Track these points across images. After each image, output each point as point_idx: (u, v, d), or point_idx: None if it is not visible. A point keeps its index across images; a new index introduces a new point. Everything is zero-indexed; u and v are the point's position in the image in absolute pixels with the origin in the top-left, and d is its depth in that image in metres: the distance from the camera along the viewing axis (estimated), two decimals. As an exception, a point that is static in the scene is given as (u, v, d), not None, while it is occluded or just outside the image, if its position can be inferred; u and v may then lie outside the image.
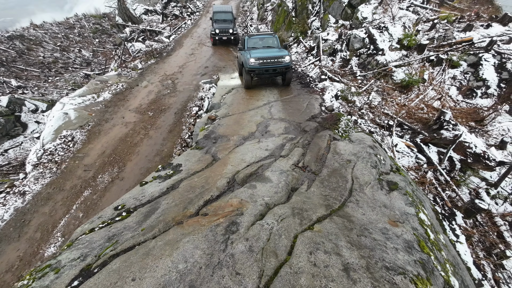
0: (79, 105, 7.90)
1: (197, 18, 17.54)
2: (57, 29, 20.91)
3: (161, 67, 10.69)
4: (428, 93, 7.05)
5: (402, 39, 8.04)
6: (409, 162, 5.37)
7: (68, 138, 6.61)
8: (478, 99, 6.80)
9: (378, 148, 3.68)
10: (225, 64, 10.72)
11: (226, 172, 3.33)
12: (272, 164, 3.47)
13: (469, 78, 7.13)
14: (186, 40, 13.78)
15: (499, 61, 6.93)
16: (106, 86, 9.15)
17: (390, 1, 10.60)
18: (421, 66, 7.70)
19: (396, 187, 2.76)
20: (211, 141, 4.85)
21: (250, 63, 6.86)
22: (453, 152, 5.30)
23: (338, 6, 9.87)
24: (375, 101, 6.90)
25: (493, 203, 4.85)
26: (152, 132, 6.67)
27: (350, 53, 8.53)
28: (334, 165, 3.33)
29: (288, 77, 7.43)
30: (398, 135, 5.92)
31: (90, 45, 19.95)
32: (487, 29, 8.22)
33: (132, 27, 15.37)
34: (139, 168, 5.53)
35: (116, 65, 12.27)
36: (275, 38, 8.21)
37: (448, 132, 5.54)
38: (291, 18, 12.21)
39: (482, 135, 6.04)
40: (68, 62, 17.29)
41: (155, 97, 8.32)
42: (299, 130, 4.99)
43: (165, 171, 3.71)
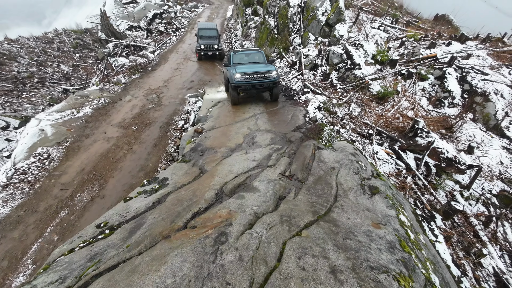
0: (57, 120, 7.56)
1: (182, 35, 17.88)
2: (34, 44, 20.23)
3: (145, 81, 10.62)
4: (402, 104, 7.60)
5: (376, 55, 8.73)
6: (390, 168, 5.65)
7: (44, 155, 6.25)
8: (446, 109, 7.43)
9: (359, 155, 3.88)
10: (211, 78, 10.90)
11: (214, 184, 3.31)
12: (260, 174, 3.52)
13: (436, 89, 7.83)
14: (171, 55, 13.91)
15: (461, 74, 7.71)
16: (87, 101, 8.89)
17: (363, 21, 11.59)
18: (394, 79, 8.35)
19: (377, 191, 2.91)
20: (198, 153, 4.82)
21: (236, 78, 6.74)
22: (428, 158, 5.67)
23: (317, 25, 10.60)
24: (355, 112, 7.30)
25: (467, 204, 5.18)
26: (136, 147, 6.50)
27: (329, 67, 9.07)
28: (319, 172, 3.45)
29: (276, 92, 7.36)
30: (378, 143, 6.26)
31: (70, 59, 19.44)
32: (448, 47, 9.20)
33: (116, 42, 15.30)
34: (122, 184, 5.31)
35: (98, 80, 12.01)
36: (261, 54, 8.22)
37: (423, 139, 5.96)
38: (274, 35, 12.86)
39: (452, 141, 6.56)
40: (45, 77, 16.63)
41: (139, 111, 8.19)
42: (285, 141, 5.13)
43: (150, 185, 3.61)
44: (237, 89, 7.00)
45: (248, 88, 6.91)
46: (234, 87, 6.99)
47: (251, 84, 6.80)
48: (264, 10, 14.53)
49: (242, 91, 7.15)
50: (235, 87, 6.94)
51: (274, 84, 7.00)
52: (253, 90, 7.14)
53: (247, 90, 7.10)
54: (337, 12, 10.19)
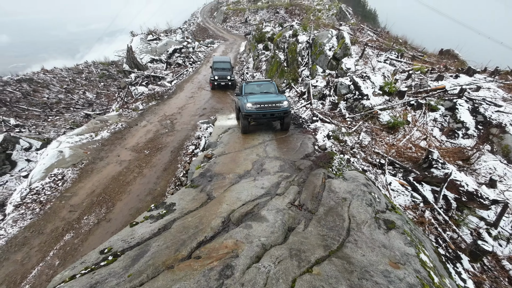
0: (75, 143, 7.95)
1: (198, 67, 19.33)
2: (66, 74, 22.42)
3: (161, 108, 11.24)
4: (414, 134, 7.49)
5: (384, 86, 8.94)
6: (405, 201, 5.35)
7: (58, 176, 6.45)
8: (461, 140, 7.23)
9: (372, 186, 3.73)
10: (223, 106, 11.40)
11: (221, 211, 3.24)
12: (268, 203, 3.42)
13: (448, 120, 7.73)
14: (186, 84, 14.89)
15: (472, 106, 7.66)
16: (106, 125, 9.41)
17: (369, 55, 12.17)
18: (403, 109, 8.38)
19: (393, 226, 2.72)
20: (207, 179, 4.82)
21: (247, 107, 6.78)
22: (446, 191, 5.36)
23: (324, 59, 11.21)
24: (365, 141, 7.24)
25: (497, 245, 4.70)
26: (147, 170, 6.62)
27: (338, 97, 9.32)
28: (330, 203, 3.31)
29: (287, 121, 7.30)
30: (391, 174, 6.05)
31: (95, 88, 21.19)
32: (456, 79, 9.33)
33: (138, 73, 16.68)
34: (129, 208, 5.29)
35: (117, 106, 12.85)
36: (273, 84, 8.39)
37: (438, 171, 5.71)
38: (283, 67, 13.64)
39: (471, 174, 6.23)
40: (71, 103, 18.04)
41: (153, 136, 8.52)
42: (294, 168, 5.07)
43: (157, 210, 3.58)
44: (248, 118, 7.04)
45: (259, 117, 6.95)
46: (245, 116, 7.02)
47: (262, 113, 6.84)
48: (274, 46, 15.68)
49: (253, 120, 7.17)
50: (246, 116, 6.98)
51: (285, 113, 7.00)
52: (264, 119, 7.16)
53: (258, 119, 7.13)
54: (344, 48, 10.82)
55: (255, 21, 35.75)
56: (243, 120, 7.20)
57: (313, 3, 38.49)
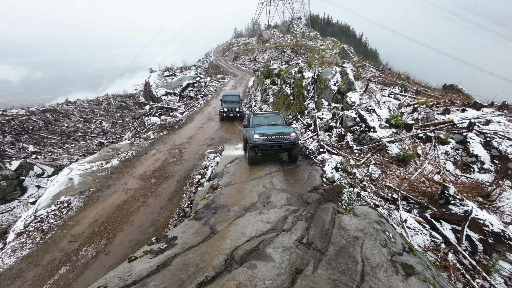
0: (86, 171, 8.13)
1: (209, 99, 20.45)
2: (87, 105, 24.12)
3: (171, 137, 11.61)
4: (426, 167, 7.24)
5: (390, 119, 9.01)
6: (424, 240, 4.92)
7: (64, 204, 6.45)
8: (477, 174, 6.89)
9: (385, 224, 3.49)
10: (230, 136, 11.67)
11: (224, 248, 3.06)
12: (274, 240, 3.22)
13: (461, 153, 7.50)
14: (197, 116, 15.58)
15: (484, 139, 7.48)
16: (117, 153, 9.69)
17: (373, 90, 12.59)
18: (412, 142, 8.27)
19: (412, 271, 2.44)
20: (211, 211, 4.68)
21: (254, 139, 6.74)
22: (469, 230, 4.93)
23: (329, 93, 11.66)
24: (375, 174, 7.02)
25: (538, 298, 4.09)
26: (151, 199, 6.55)
27: (344, 129, 9.39)
28: (341, 242, 3.08)
29: (295, 153, 7.19)
30: (405, 210, 5.69)
31: (111, 118, 22.47)
32: (463, 113, 9.32)
33: (152, 105, 17.75)
34: (130, 240, 5.10)
35: (130, 135, 13.40)
36: (280, 117, 8.47)
37: (457, 208, 5.34)
38: (290, 101, 14.21)
39: (494, 212, 5.77)
40: (87, 131, 19.02)
41: (160, 165, 8.63)
42: (301, 202, 4.89)
43: (158, 244, 3.42)
44: (255, 149, 6.96)
45: (266, 148, 6.88)
46: (252, 147, 6.94)
47: (269, 144, 6.79)
48: (281, 81, 16.61)
49: (260, 151, 7.09)
50: (253, 147, 6.91)
51: (293, 145, 6.91)
52: (271, 151, 7.07)
53: (265, 151, 7.05)
54: (348, 83, 11.30)
55: (263, 59, 38.68)
56: (250, 151, 7.13)
57: (317, 43, 41.77)
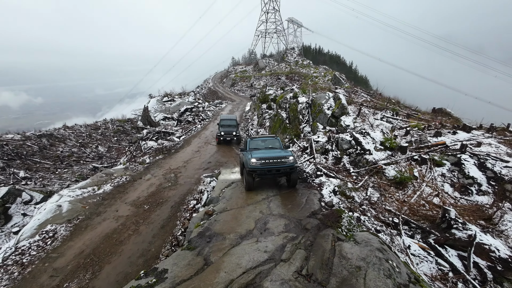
0: (76, 197, 7.84)
1: (206, 123, 20.76)
2: (84, 130, 24.18)
3: (167, 162, 11.49)
4: (424, 190, 7.17)
5: (384, 142, 9.15)
6: (430, 269, 4.66)
7: (50, 233, 6.09)
8: (476, 196, 6.83)
9: (388, 252, 3.32)
10: (227, 160, 11.60)
11: (218, 282, 2.83)
12: (272, 271, 3.01)
13: (457, 175, 7.51)
14: (194, 139, 15.65)
15: (478, 161, 7.56)
16: (110, 178, 9.46)
17: (366, 114, 13.00)
18: (408, 164, 8.31)
19: (421, 306, 2.26)
20: (205, 239, 4.44)
21: (251, 163, 6.54)
22: (475, 257, 4.72)
23: (324, 117, 11.99)
24: (374, 197, 6.90)
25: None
26: (143, 227, 6.23)
27: (340, 152, 9.46)
28: (343, 273, 2.89)
29: (294, 178, 6.94)
30: (407, 235, 5.49)
31: (108, 142, 22.41)
32: (454, 135, 9.56)
33: (150, 129, 17.88)
34: (117, 273, 4.73)
35: (125, 160, 13.24)
36: (277, 140, 8.32)
37: (460, 232, 5.18)
38: (286, 124, 14.50)
39: (498, 236, 5.59)
40: (82, 156, 18.77)
41: (155, 190, 8.39)
42: (300, 228, 4.70)
43: (146, 279, 3.16)
44: (253, 174, 6.71)
45: (264, 173, 6.64)
46: (249, 172, 6.70)
47: (267, 169, 6.57)
48: (277, 106, 17.13)
49: (258, 176, 6.83)
50: (250, 171, 6.67)
51: (291, 169, 6.73)
52: (269, 175, 6.84)
53: (263, 175, 6.80)
54: (341, 107, 11.70)
55: (260, 85, 40.38)
56: (247, 176, 6.87)
57: (310, 71, 44.18)
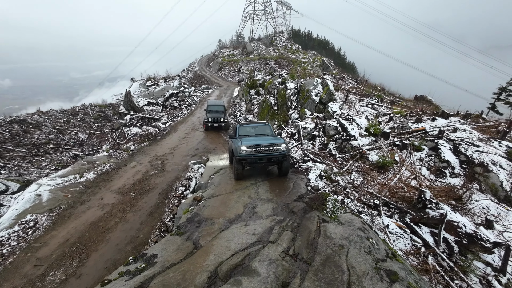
0: (57, 186, 7.52)
1: (193, 109, 20.19)
2: (61, 115, 22.68)
3: (153, 149, 11.19)
4: (404, 173, 7.60)
5: (369, 128, 9.45)
6: (406, 245, 5.07)
7: (30, 223, 5.86)
8: (449, 178, 7.36)
9: (368, 231, 3.55)
10: (215, 146, 11.50)
11: (207, 264, 2.91)
12: (260, 252, 3.13)
13: (434, 159, 8.00)
14: (181, 126, 15.25)
15: (453, 146, 8.07)
16: (93, 166, 9.11)
17: (352, 100, 13.22)
18: (390, 149, 8.70)
19: (396, 277, 2.48)
20: (194, 225, 4.49)
21: (241, 151, 6.22)
22: (445, 233, 5.17)
23: (312, 103, 12.06)
24: (357, 181, 7.23)
25: (510, 295, 4.33)
26: (130, 215, 6.16)
27: (327, 138, 9.67)
28: (327, 251, 3.06)
29: (285, 166, 6.72)
30: (386, 215, 5.87)
31: (88, 128, 21.27)
32: (433, 122, 10.04)
33: (133, 115, 17.13)
34: (105, 260, 4.70)
35: (108, 147, 12.72)
36: (269, 126, 8.01)
37: (434, 211, 5.61)
38: (274, 111, 14.45)
39: (466, 214, 6.14)
40: (60, 143, 17.76)
41: (141, 177, 8.22)
42: (287, 211, 4.86)
43: (135, 264, 3.17)
44: (242, 162, 6.42)
45: (255, 161, 6.38)
46: (238, 160, 6.38)
47: (258, 157, 6.30)
48: (265, 91, 16.93)
49: (248, 164, 6.56)
50: (240, 160, 6.35)
51: (283, 157, 6.47)
52: (260, 164, 6.57)
53: (253, 164, 6.53)
54: (329, 93, 11.78)
55: (248, 70, 39.43)
56: (236, 165, 6.54)
57: (299, 56, 43.59)
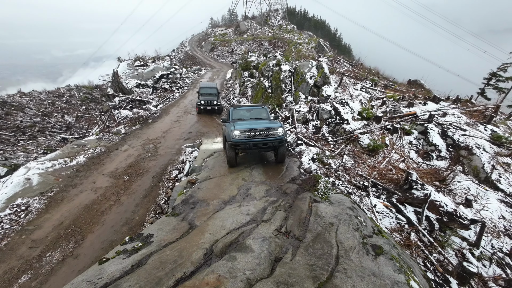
0: (46, 169, 7.37)
1: (185, 92, 19.62)
2: (45, 97, 21.64)
3: (145, 132, 10.98)
4: (393, 156, 7.84)
5: (362, 112, 9.52)
6: (391, 223, 5.38)
7: (22, 207, 5.81)
8: (435, 161, 7.67)
9: (357, 210, 3.73)
10: (209, 130, 11.39)
11: (203, 242, 3.01)
12: (254, 231, 3.26)
13: (422, 143, 8.25)
14: (172, 109, 14.89)
15: (441, 130, 8.31)
16: (83, 150, 8.91)
17: (347, 84, 13.15)
18: (381, 133, 8.88)
19: (381, 251, 2.67)
20: (189, 206, 4.57)
21: (234, 136, 5.77)
22: (428, 212, 5.49)
23: (306, 86, 11.92)
24: (348, 163, 7.42)
25: (481, 265, 4.74)
26: (125, 198, 6.18)
27: (320, 122, 9.72)
28: (317, 229, 3.22)
29: (282, 152, 6.31)
30: (374, 196, 6.14)
31: (75, 111, 20.49)
32: (424, 106, 10.21)
33: (122, 97, 16.51)
34: (101, 241, 4.79)
35: (98, 130, 12.38)
36: (265, 110, 7.55)
37: (419, 192, 5.90)
38: (268, 94, 14.24)
39: (448, 194, 6.50)
40: (47, 126, 17.13)
41: (134, 161, 8.15)
42: (280, 193, 4.99)
43: (132, 243, 3.25)
44: (236, 148, 6.00)
45: (249, 147, 5.93)
46: (231, 146, 5.96)
47: (252, 142, 5.85)
48: (259, 74, 16.52)
49: (242, 150, 6.15)
50: (233, 146, 5.93)
51: (280, 142, 6.04)
52: (255, 150, 6.11)
53: (248, 150, 6.08)
54: (323, 77, 11.63)
55: (241, 51, 38.04)
56: (229, 151, 6.12)
57: (294, 37, 42.17)
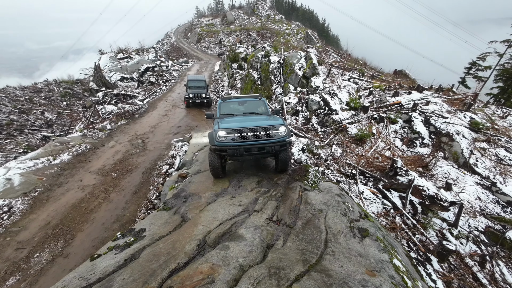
0: (28, 169, 7.07)
1: (172, 85, 19.09)
2: (21, 93, 20.40)
3: (132, 127, 10.68)
4: (379, 145, 8.11)
5: (350, 102, 9.70)
6: (377, 208, 5.63)
7: (4, 209, 5.58)
8: (419, 148, 8.01)
9: (345, 196, 3.87)
10: (198, 123, 11.24)
11: (196, 234, 3.05)
12: (246, 220, 3.33)
13: (407, 131, 8.57)
14: (160, 103, 14.50)
15: (424, 118, 8.64)
16: (67, 147, 8.58)
17: (335, 74, 13.27)
18: (368, 123, 9.11)
19: (367, 233, 2.82)
20: (181, 200, 4.56)
21: (218, 137, 4.30)
22: (412, 196, 5.78)
23: (295, 77, 11.93)
24: (337, 153, 7.62)
25: (459, 243, 5.09)
26: (114, 195, 6.07)
27: (310, 113, 9.83)
28: (307, 216, 3.33)
29: (284, 159, 4.79)
30: (362, 183, 6.37)
31: (56, 107, 19.51)
32: (409, 95, 10.53)
33: (106, 92, 15.87)
34: (92, 239, 4.72)
35: (82, 126, 11.90)
36: (263, 102, 5.99)
37: (403, 178, 6.18)
38: (257, 85, 14.14)
39: (430, 179, 6.84)
40: (25, 124, 16.26)
41: (121, 157, 7.96)
42: (271, 183, 5.07)
43: (124, 238, 3.23)
44: (221, 154, 4.48)
45: (239, 153, 4.29)
46: (215, 151, 4.47)
47: (244, 146, 4.27)
48: (248, 65, 16.32)
49: (230, 157, 4.62)
50: (217, 151, 4.44)
51: (282, 146, 4.47)
52: (248, 156, 4.46)
53: (238, 157, 4.42)
54: (312, 67, 11.67)
55: (229, 42, 37.21)
56: (212, 157, 4.60)
57: (282, 27, 41.67)
